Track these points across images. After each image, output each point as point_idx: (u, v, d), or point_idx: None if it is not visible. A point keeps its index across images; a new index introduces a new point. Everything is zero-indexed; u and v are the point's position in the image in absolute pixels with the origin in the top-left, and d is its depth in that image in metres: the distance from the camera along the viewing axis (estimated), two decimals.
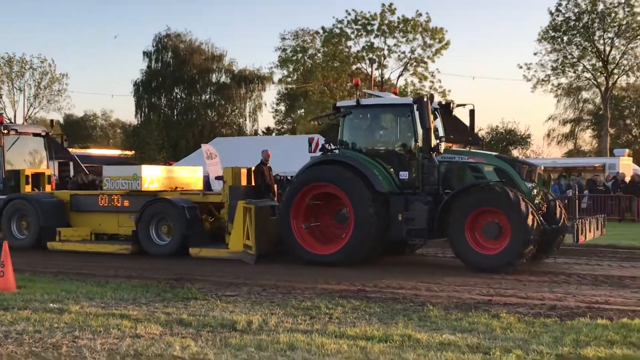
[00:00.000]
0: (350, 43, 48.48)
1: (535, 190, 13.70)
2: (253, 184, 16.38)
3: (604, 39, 47.00)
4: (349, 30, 47.76)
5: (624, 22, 46.01)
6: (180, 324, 8.47)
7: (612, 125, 55.03)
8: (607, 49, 47.00)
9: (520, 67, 50.07)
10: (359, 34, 47.89)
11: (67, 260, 15.29)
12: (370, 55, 47.00)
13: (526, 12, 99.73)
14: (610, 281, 11.90)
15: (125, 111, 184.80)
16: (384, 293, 10.77)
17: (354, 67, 49.88)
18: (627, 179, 28.20)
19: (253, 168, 16.64)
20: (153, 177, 16.76)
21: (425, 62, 47.32)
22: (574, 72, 49.39)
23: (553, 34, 47.99)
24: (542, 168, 14.68)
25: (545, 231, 13.10)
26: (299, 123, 59.65)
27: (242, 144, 39.06)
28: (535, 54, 52.70)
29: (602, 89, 48.49)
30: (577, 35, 47.29)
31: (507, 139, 60.67)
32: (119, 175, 16.75)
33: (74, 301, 9.97)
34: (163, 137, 58.02)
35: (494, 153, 14.99)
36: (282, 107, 71.24)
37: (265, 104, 72.30)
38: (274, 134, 67.04)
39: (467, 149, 15.46)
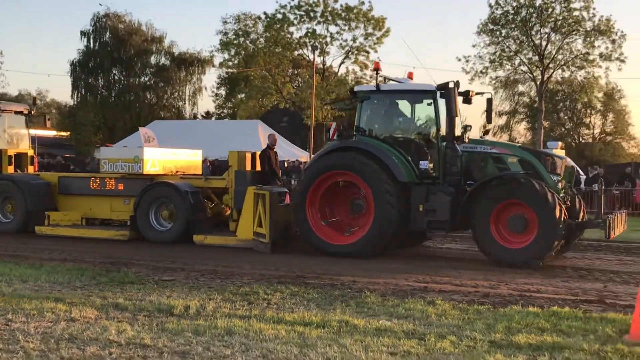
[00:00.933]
0: (292, 29, 48.33)
1: (560, 184, 13.21)
2: (258, 168, 15.84)
3: (540, 34, 47.91)
4: (291, 16, 47.59)
5: (560, 17, 46.98)
6: (116, 308, 8.38)
7: (546, 118, 56.25)
8: (544, 43, 47.95)
9: (459, 60, 50.72)
10: (302, 20, 47.75)
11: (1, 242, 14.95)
12: (313, 41, 46.92)
13: (468, 4, 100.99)
14: (543, 271, 12.18)
15: (62, 91, 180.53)
16: (323, 279, 10.84)
17: (296, 53, 49.74)
18: None
19: (258, 152, 16.13)
20: (155, 160, 16.09)
21: (367, 51, 47.49)
22: (511, 66, 50.23)
23: (492, 27, 48.65)
24: (567, 160, 14.07)
25: (571, 226, 12.70)
26: (239, 108, 59.25)
27: (181, 128, 38.74)
28: (474, 46, 53.48)
29: (538, 82, 49.47)
30: (515, 29, 48.07)
31: None
32: (119, 158, 16.10)
33: (7, 284, 9.76)
34: (100, 118, 56.88)
35: (517, 144, 14.44)
36: (222, 91, 70.73)
37: (206, 88, 71.83)
38: (213, 118, 66.50)
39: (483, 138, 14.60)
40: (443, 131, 13.32)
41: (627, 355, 6.61)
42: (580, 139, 62.99)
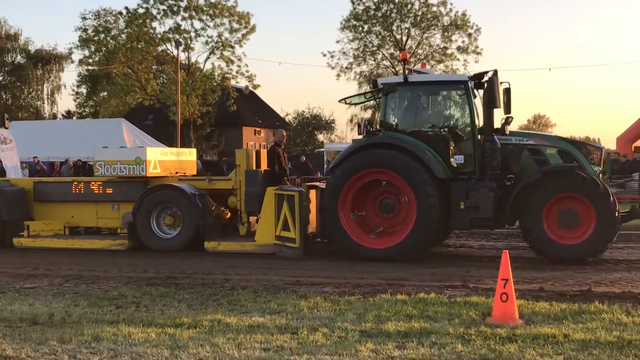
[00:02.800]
0: (155, 24, 47.35)
1: (601, 175, 12.65)
2: (263, 167, 14.60)
3: (401, 29, 49.39)
4: (154, 11, 46.62)
5: (420, 12, 48.58)
6: None
7: None
8: (405, 38, 49.42)
9: (324, 55, 51.44)
10: (165, 15, 46.85)
11: None
12: (177, 37, 46.18)
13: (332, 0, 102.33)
14: (409, 260, 12.43)
15: None
16: (194, 279, 10.68)
17: (160, 48, 48.78)
18: None
19: (266, 150, 15.04)
20: (156, 161, 14.68)
21: (233, 47, 47.23)
22: (374, 61, 51.51)
23: (354, 22, 49.66)
24: (605, 149, 13.44)
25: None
26: (102, 106, 57.49)
27: (41, 128, 37.04)
28: (337, 41, 54.39)
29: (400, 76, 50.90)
30: (377, 24, 49.32)
31: (313, 124, 62.18)
32: (117, 159, 14.56)
33: None
34: None
35: (554, 134, 13.79)
36: (83, 90, 68.43)
37: (65, 86, 69.17)
38: (74, 118, 64.17)
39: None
40: (478, 123, 12.67)
41: (490, 337, 6.91)
42: None
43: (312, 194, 12.94)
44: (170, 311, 8.34)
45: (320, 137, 62.30)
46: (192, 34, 46.89)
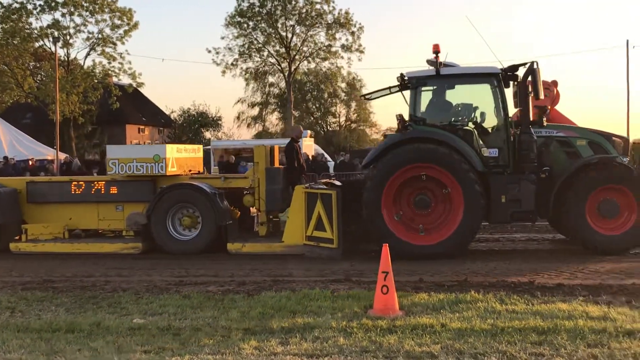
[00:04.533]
0: (32, 19, 45.54)
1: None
2: (276, 164, 14.11)
3: (286, 26, 49.60)
4: (30, 6, 44.81)
5: (304, 10, 48.93)
6: None
7: (295, 108, 58.38)
8: (290, 35, 49.66)
9: (210, 52, 50.99)
10: (42, 10, 45.12)
11: None
12: (55, 32, 44.54)
13: None
14: (295, 256, 12.53)
15: None
16: (73, 282, 10.35)
17: (37, 44, 46.94)
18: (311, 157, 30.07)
19: (284, 147, 14.35)
20: (174, 158, 13.80)
21: (115, 43, 46.06)
22: (260, 57, 51.51)
23: (239, 19, 49.49)
24: (632, 141, 13.60)
25: None
26: None
27: None
28: (222, 38, 54.03)
29: (286, 73, 51.15)
30: (262, 21, 49.32)
31: (199, 121, 61.54)
32: (134, 157, 13.57)
33: None
34: None
35: (581, 126, 13.65)
36: None
37: None
38: None
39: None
40: (513, 115, 12.55)
41: (371, 329, 7.06)
42: (328, 127, 66.15)
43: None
44: (47, 316, 8.06)
45: (207, 134, 61.73)
46: (72, 30, 45.42)
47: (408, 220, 12.37)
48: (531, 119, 12.35)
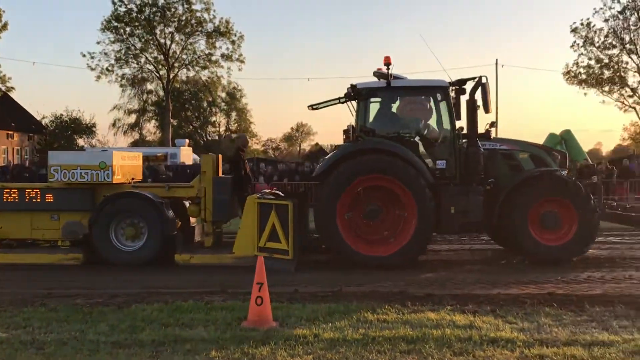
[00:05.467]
0: None
1: None
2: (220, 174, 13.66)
3: (165, 33, 48.81)
4: None
5: (184, 18, 48.31)
6: None
7: (174, 116, 57.54)
8: (168, 43, 48.91)
9: (84, 56, 49.47)
10: None
11: None
12: None
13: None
14: (170, 267, 12.35)
15: None
16: None
17: None
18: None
19: (231, 156, 13.73)
20: (119, 165, 13.06)
21: None
22: (137, 64, 50.39)
23: (116, 24, 48.30)
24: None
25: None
26: None
27: None
28: (98, 42, 52.43)
29: (164, 81, 50.30)
30: (139, 27, 48.32)
31: (72, 128, 59.47)
32: (77, 164, 12.76)
33: None
34: None
35: (522, 140, 13.80)
36: None
37: None
38: None
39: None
40: (460, 128, 12.72)
41: (244, 341, 7.02)
42: (208, 137, 65.56)
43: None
44: None
45: (80, 141, 59.74)
46: None
47: (361, 232, 12.43)
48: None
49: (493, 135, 13.05)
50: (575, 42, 45.00)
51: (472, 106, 12.53)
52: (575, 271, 11.62)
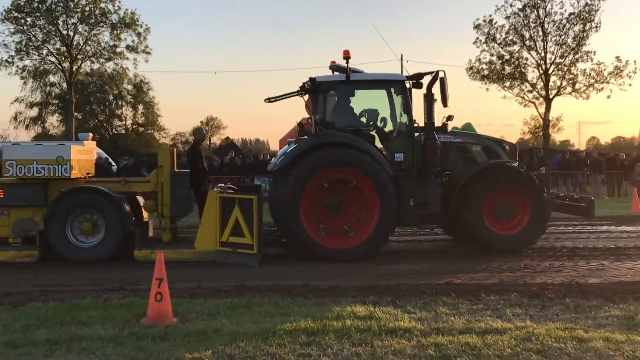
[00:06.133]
0: None
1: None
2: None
3: (67, 24, 47.37)
4: None
5: (87, 9, 47.04)
6: None
7: (78, 109, 55.93)
8: (71, 34, 47.51)
9: None
10: None
11: None
12: None
13: None
14: (66, 264, 12.04)
15: None
16: None
17: None
18: None
19: (187, 149, 12.78)
20: (77, 160, 12.66)
21: None
22: (39, 55, 48.77)
23: (16, 14, 46.62)
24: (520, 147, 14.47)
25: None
26: None
27: None
28: None
29: (67, 73, 48.86)
30: (41, 18, 46.79)
31: None
32: (34, 159, 12.30)
33: None
34: None
35: (475, 132, 13.99)
36: None
37: None
38: None
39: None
40: (418, 122, 12.89)
41: (142, 337, 6.91)
42: (114, 130, 64.08)
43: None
44: None
45: None
46: None
47: (324, 226, 12.38)
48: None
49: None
50: (477, 38, 46.16)
51: (429, 100, 12.85)
52: (473, 261, 11.97)
